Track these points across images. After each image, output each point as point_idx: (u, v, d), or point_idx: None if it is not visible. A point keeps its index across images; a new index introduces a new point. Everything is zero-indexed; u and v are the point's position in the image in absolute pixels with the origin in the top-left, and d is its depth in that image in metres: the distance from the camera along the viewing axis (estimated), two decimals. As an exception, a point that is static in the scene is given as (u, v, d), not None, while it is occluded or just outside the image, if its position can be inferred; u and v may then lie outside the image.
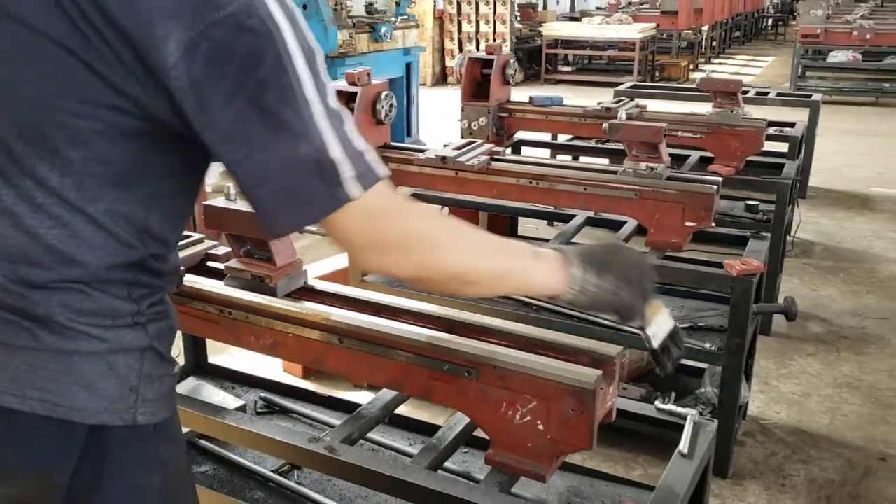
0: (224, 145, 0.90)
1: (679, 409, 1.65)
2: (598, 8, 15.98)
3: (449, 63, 11.54)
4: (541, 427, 1.37)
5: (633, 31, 10.99)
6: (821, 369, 3.31)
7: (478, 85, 3.96)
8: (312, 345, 1.56)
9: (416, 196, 3.15)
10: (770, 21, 19.79)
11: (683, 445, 1.52)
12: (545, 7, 14.81)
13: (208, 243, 1.83)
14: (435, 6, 11.29)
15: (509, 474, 1.42)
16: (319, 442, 1.54)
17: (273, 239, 1.59)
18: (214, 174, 1.82)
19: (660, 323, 1.33)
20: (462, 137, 3.76)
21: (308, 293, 1.63)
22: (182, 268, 1.63)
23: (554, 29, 11.66)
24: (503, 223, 3.73)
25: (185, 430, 1.44)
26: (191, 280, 1.68)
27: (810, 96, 5.54)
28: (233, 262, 1.66)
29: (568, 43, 11.91)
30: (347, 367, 1.59)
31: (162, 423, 1.03)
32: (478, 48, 11.49)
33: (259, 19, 0.87)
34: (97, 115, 0.89)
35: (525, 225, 4.05)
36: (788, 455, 2.72)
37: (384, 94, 2.97)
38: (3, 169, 0.91)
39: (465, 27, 11.49)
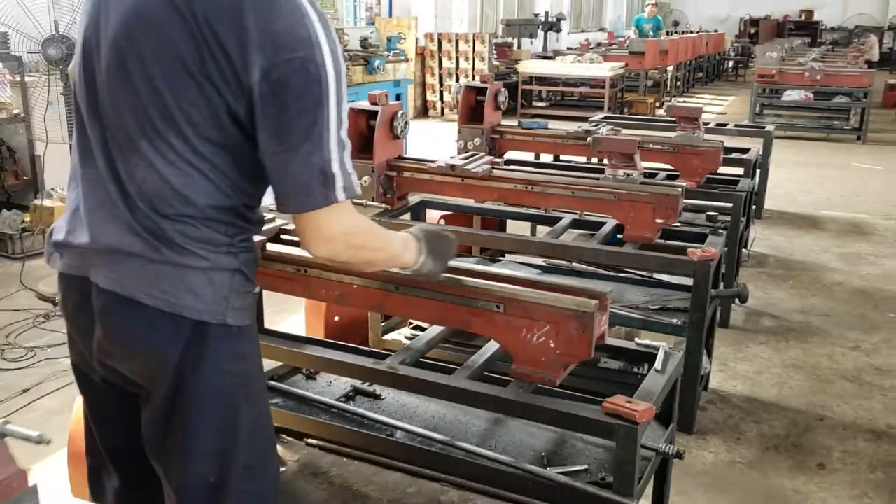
0: (267, 141, 1.35)
1: (654, 343, 2.15)
2: (568, 48, 16.72)
3: (430, 97, 12.11)
4: (552, 345, 1.85)
5: (604, 70, 11.67)
6: (771, 354, 3.83)
7: (472, 110, 4.49)
8: (374, 293, 2.04)
9: (424, 203, 3.66)
10: (731, 63, 20.71)
11: (658, 364, 2.02)
12: (520, 46, 15.48)
13: (281, 221, 2.30)
14: (417, 43, 11.89)
15: (528, 382, 1.91)
16: (383, 363, 2.01)
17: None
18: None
19: None
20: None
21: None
22: (265, 238, 2.12)
23: (530, 66, 12.32)
24: (494, 222, 4.20)
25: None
26: (272, 248, 2.16)
27: (764, 127, 6.17)
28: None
29: (542, 80, 12.54)
30: (402, 309, 2.07)
31: (244, 326, 1.47)
32: (457, 83, 12.10)
33: (315, 66, 1.32)
34: (204, 108, 1.34)
35: (514, 223, 4.47)
36: (743, 417, 3.23)
37: (400, 112, 3.47)
38: (149, 135, 1.37)
39: (446, 63, 12.10)
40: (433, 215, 3.94)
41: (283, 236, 2.27)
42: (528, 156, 5.14)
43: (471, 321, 1.96)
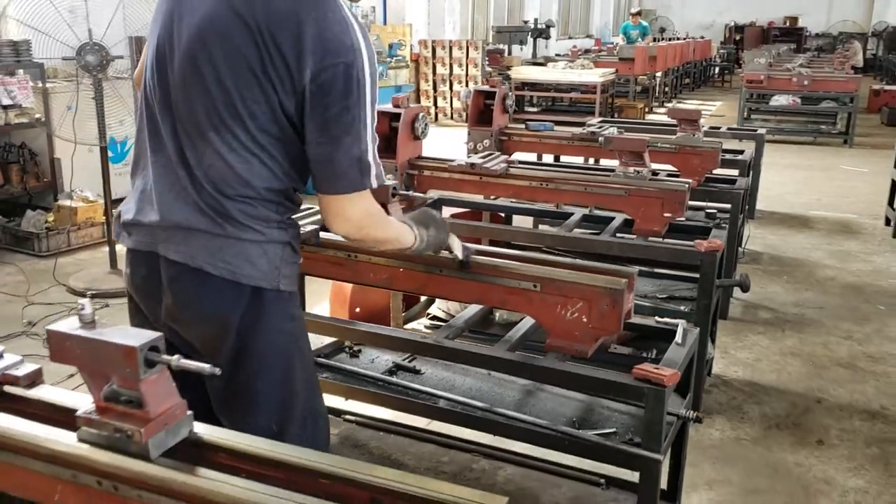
0: (312, 133, 1.58)
1: (673, 321, 2.36)
2: (557, 54, 17.00)
3: (424, 102, 12.32)
4: (585, 319, 2.06)
5: (595, 76, 11.92)
6: (769, 343, 4.06)
7: (481, 113, 4.70)
8: (419, 276, 2.24)
9: (441, 201, 3.86)
10: (717, 69, 21.07)
11: (678, 338, 2.23)
12: (510, 52, 15.75)
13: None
14: (411, 50, 12.11)
15: (562, 353, 2.11)
16: (428, 337, 2.22)
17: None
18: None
19: (456, 246, 2.06)
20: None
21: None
22: (317, 226, 2.32)
23: (522, 72, 12.56)
24: (498, 219, 4.39)
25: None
26: (324, 235, 2.35)
27: (756, 131, 6.42)
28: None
29: (534, 85, 12.78)
30: (444, 290, 2.27)
31: (292, 292, 1.70)
32: (451, 89, 12.34)
33: (357, 70, 1.55)
34: (264, 105, 1.57)
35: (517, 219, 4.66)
36: (745, 399, 3.45)
37: (420, 115, 3.68)
38: (217, 127, 1.58)
39: (440, 69, 12.32)
40: (448, 212, 4.14)
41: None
42: (531, 156, 5.35)
43: (508, 300, 2.16)
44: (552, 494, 2.40)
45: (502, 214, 4.31)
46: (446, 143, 7.77)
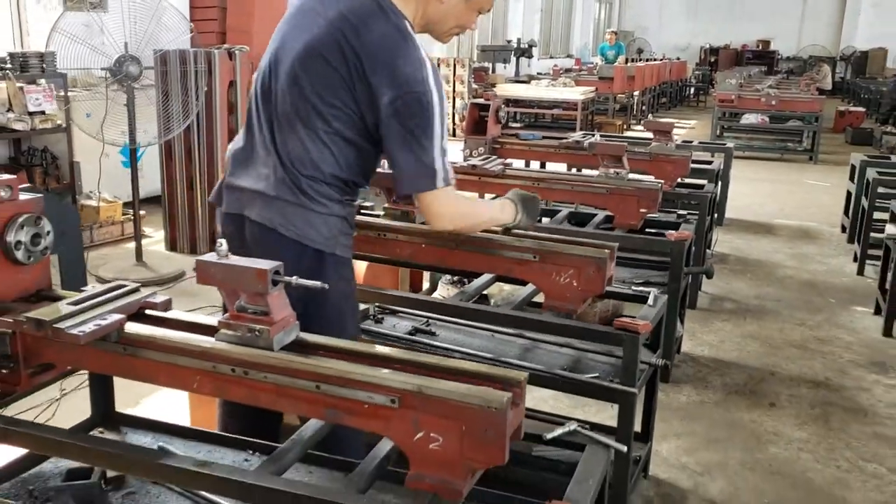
0: (390, 145, 2.04)
1: (646, 288, 2.86)
2: (539, 73, 17.62)
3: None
4: (575, 283, 2.55)
5: (576, 94, 12.52)
6: (732, 328, 4.58)
7: (476, 124, 5.20)
8: (438, 251, 2.72)
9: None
10: (692, 89, 21.83)
11: (650, 301, 2.73)
12: (494, 70, 16.34)
13: (359, 203, 2.98)
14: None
15: (557, 311, 2.60)
16: (450, 300, 2.70)
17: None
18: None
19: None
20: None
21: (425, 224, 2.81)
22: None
23: (507, 90, 13.12)
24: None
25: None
26: (359, 218, 2.83)
27: (725, 144, 7.00)
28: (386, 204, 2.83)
29: (518, 102, 13.35)
30: (460, 262, 2.75)
31: (346, 258, 2.17)
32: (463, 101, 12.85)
33: (427, 97, 2.01)
34: (345, 113, 2.04)
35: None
36: (709, 371, 3.96)
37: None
38: (304, 123, 2.05)
39: (428, 86, 12.83)
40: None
41: (362, 211, 2.95)
42: (519, 163, 5.86)
43: (513, 268, 2.65)
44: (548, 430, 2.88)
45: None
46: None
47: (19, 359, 1.82)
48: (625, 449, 2.16)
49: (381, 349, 1.74)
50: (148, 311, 1.87)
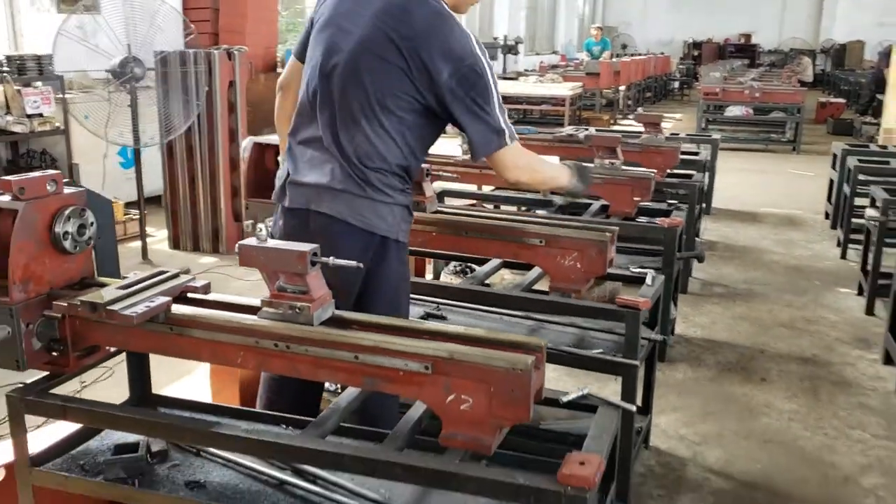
0: (460, 115, 2.19)
1: (644, 269, 3.03)
2: (525, 69, 17.80)
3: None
4: (578, 265, 2.72)
5: (564, 89, 12.71)
6: (722, 310, 4.77)
7: (472, 119, 5.36)
8: (450, 238, 2.88)
9: (444, 192, 4.51)
10: (677, 83, 22.06)
11: (648, 281, 2.90)
12: (481, 68, 16.47)
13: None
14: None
15: (562, 292, 2.76)
16: (460, 284, 2.85)
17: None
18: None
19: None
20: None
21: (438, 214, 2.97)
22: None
23: (494, 86, 13.27)
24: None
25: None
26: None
27: (711, 136, 7.19)
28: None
29: (506, 98, 13.48)
30: (471, 248, 2.91)
31: (405, 243, 2.33)
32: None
33: (480, 65, 2.18)
34: (403, 98, 2.19)
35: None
36: (703, 351, 4.14)
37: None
38: (368, 117, 2.19)
39: (417, 84, 12.98)
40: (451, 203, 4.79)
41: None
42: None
43: (521, 253, 2.82)
44: (552, 411, 3.04)
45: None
46: (441, 145, 8.41)
47: (68, 342, 1.96)
48: (634, 408, 2.33)
49: (411, 323, 1.89)
50: (190, 295, 2.02)
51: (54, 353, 1.98)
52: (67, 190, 2.06)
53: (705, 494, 2.88)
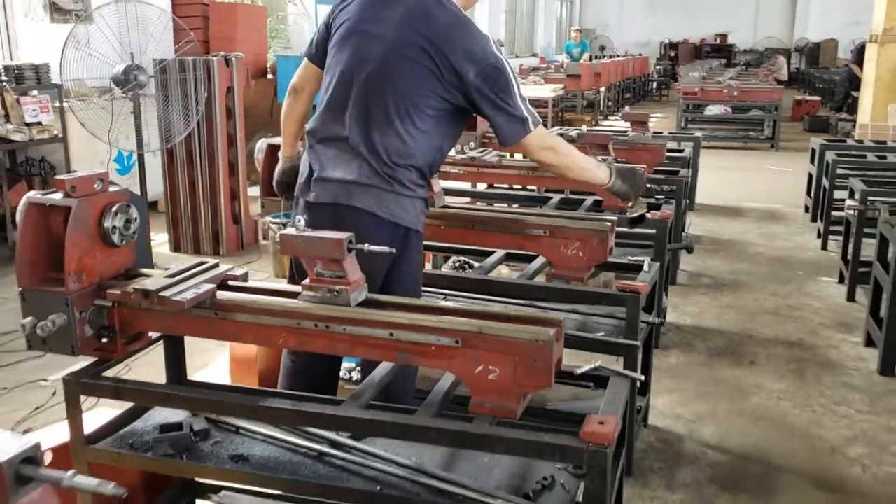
0: (487, 109, 2.38)
1: (641, 258, 3.22)
2: (506, 72, 18.03)
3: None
4: (581, 254, 2.89)
5: (547, 91, 12.92)
6: (710, 300, 4.98)
7: (466, 120, 5.55)
8: (458, 231, 3.05)
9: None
10: (655, 84, 22.40)
11: (646, 268, 3.09)
12: (463, 71, 16.71)
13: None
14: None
15: (565, 280, 2.95)
16: (467, 274, 3.03)
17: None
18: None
19: (636, 208, 2.91)
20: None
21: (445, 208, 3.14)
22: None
23: (478, 89, 13.48)
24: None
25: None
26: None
27: (693, 134, 7.42)
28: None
29: (489, 101, 13.69)
30: (477, 240, 3.08)
31: (422, 233, 2.51)
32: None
33: (500, 63, 2.37)
34: (434, 97, 2.37)
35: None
36: (693, 338, 4.34)
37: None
38: (401, 116, 2.36)
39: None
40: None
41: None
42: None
43: (525, 244, 2.99)
44: (557, 392, 3.22)
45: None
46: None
47: (116, 329, 2.12)
48: (642, 378, 2.52)
49: (439, 303, 2.06)
50: (230, 283, 2.18)
51: (104, 340, 2.14)
52: (112, 188, 2.21)
53: (703, 466, 3.07)
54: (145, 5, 5.14)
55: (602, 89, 15.59)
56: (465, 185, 4.99)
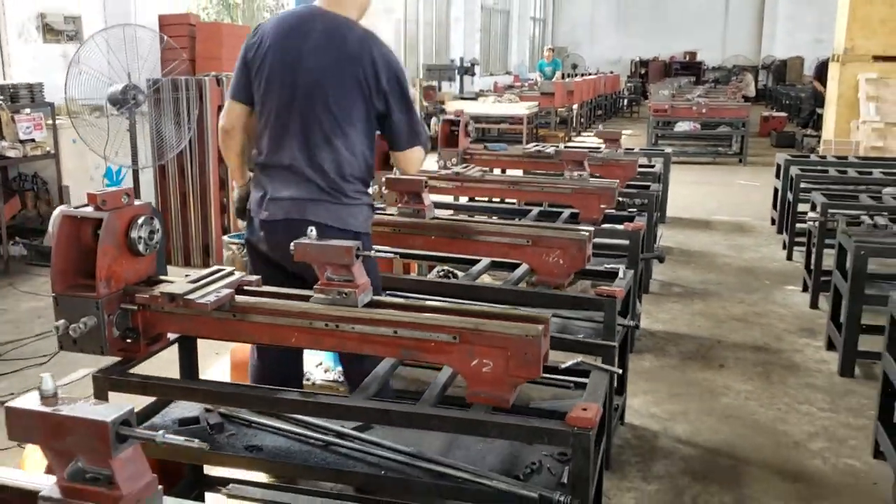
0: (396, 112, 2.67)
1: (617, 266, 3.46)
2: (481, 90, 18.35)
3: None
4: (561, 262, 3.14)
5: (521, 108, 13.24)
6: (682, 308, 5.24)
7: (448, 137, 5.78)
8: (446, 241, 3.28)
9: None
10: (626, 101, 22.86)
11: (621, 274, 3.34)
12: (440, 89, 16.99)
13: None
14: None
15: (546, 285, 3.18)
16: (455, 281, 3.25)
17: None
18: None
19: None
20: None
21: (436, 219, 3.37)
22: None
23: (457, 106, 13.75)
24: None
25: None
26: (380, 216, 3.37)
27: (663, 150, 7.73)
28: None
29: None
30: (466, 249, 3.32)
31: (370, 234, 2.76)
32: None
33: (403, 75, 2.69)
34: (360, 108, 2.64)
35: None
36: (666, 343, 4.60)
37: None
38: (339, 135, 2.63)
39: (380, 105, 13.39)
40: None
41: (377, 211, 3.50)
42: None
43: (510, 252, 3.24)
44: (539, 392, 3.45)
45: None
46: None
47: (139, 331, 2.31)
48: (620, 371, 2.75)
49: (436, 303, 2.28)
50: (246, 287, 2.38)
51: (128, 341, 2.33)
52: (136, 202, 2.41)
53: (676, 460, 3.30)
54: (139, 28, 5.33)
55: (575, 106, 15.96)
56: (449, 199, 5.21)
